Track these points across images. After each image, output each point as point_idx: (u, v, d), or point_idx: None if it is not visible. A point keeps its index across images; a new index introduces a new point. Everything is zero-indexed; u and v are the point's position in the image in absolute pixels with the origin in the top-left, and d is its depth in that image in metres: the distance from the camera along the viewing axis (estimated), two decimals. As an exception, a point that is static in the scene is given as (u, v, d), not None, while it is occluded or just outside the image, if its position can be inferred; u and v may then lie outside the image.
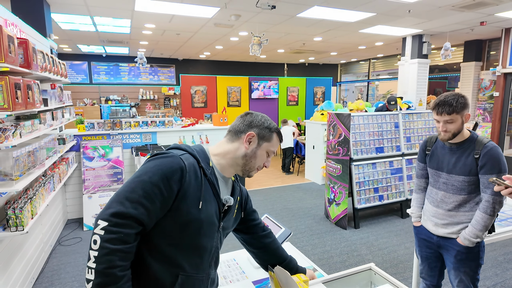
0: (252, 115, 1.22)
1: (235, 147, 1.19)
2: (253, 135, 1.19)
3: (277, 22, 5.71)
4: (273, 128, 1.23)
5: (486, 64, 7.48)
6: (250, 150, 1.19)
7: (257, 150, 1.20)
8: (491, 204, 1.73)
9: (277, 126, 1.25)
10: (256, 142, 1.19)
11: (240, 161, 1.19)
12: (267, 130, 1.21)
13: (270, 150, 1.23)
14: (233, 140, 1.21)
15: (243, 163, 1.19)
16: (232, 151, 1.19)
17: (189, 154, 1.10)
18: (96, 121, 4.63)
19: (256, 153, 1.20)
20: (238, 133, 1.20)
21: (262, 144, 1.20)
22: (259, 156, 1.21)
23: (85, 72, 9.42)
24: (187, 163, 1.05)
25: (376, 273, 1.67)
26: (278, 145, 1.26)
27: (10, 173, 2.19)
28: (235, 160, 1.19)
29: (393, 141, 4.48)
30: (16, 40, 2.23)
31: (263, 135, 1.20)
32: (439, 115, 1.76)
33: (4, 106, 2.01)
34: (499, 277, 3.01)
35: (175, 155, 1.06)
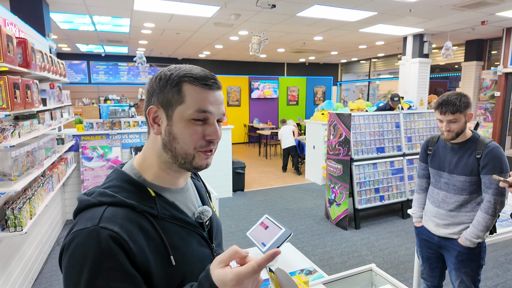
0: (152, 77, 0.75)
1: (152, 142, 0.76)
2: (155, 109, 0.73)
3: (277, 21, 5.70)
4: (176, 77, 0.72)
5: (487, 64, 7.47)
6: (164, 133, 0.73)
7: (172, 128, 0.72)
8: (493, 205, 1.72)
9: (187, 69, 0.74)
10: (164, 116, 0.73)
11: (166, 156, 0.74)
12: (170, 87, 0.71)
13: (191, 113, 0.71)
14: (148, 132, 0.78)
15: (170, 156, 0.74)
16: (154, 148, 0.76)
17: (111, 206, 0.68)
18: (95, 121, 4.62)
19: (174, 132, 0.72)
20: (147, 119, 0.75)
21: (173, 115, 0.72)
22: (183, 132, 0.72)
23: (84, 71, 9.40)
24: (113, 231, 0.63)
25: (377, 274, 1.66)
26: (208, 95, 0.72)
27: (8, 173, 2.17)
28: (161, 159, 0.75)
29: (394, 141, 4.47)
30: (15, 39, 2.21)
31: (168, 100, 0.71)
32: (443, 115, 1.74)
33: (2, 106, 2.00)
34: (500, 278, 3.00)
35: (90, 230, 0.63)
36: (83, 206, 0.70)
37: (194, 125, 0.72)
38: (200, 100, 0.71)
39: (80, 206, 0.71)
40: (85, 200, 0.71)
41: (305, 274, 1.69)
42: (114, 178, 0.75)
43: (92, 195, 0.71)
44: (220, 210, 4.80)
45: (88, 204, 0.69)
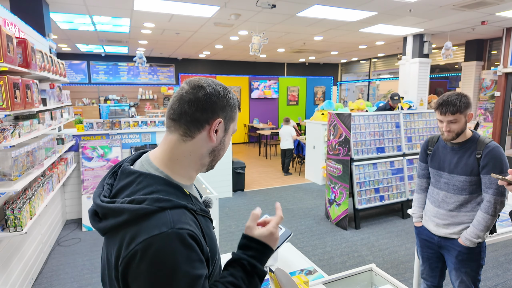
0: (208, 88, 0.83)
1: (197, 146, 0.84)
2: (220, 121, 0.84)
3: (277, 21, 5.70)
4: (236, 102, 0.90)
5: (487, 64, 7.47)
6: (218, 141, 0.86)
7: (225, 138, 0.89)
8: (493, 205, 1.72)
9: (236, 97, 0.92)
10: (223, 129, 0.87)
11: (207, 160, 0.87)
12: (230, 108, 0.87)
13: (235, 129, 0.93)
14: (192, 135, 0.82)
15: (210, 160, 0.88)
16: (195, 152, 0.84)
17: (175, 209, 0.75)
18: (95, 121, 4.62)
19: (224, 142, 0.89)
20: (199, 124, 0.82)
21: (229, 128, 0.89)
22: (227, 143, 0.91)
23: (84, 71, 9.40)
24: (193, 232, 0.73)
25: (377, 274, 1.66)
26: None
27: (8, 173, 2.17)
28: (201, 161, 0.86)
29: (394, 141, 4.47)
30: (15, 39, 2.21)
31: (229, 116, 0.88)
32: (443, 115, 1.74)
33: (3, 106, 2.00)
34: (500, 278, 3.00)
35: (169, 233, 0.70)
36: (141, 215, 0.72)
37: (230, 138, 0.93)
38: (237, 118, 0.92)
39: (136, 215, 0.72)
40: (141, 208, 0.72)
41: (305, 274, 1.69)
42: (154, 183, 0.78)
43: (145, 202, 0.73)
44: (220, 210, 4.80)
45: (147, 212, 0.72)
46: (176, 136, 0.83)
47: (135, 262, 0.69)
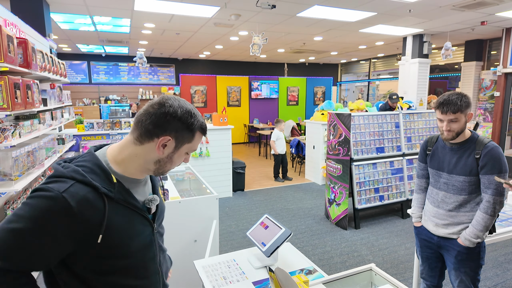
0: (168, 109, 0.92)
1: (144, 151, 0.95)
2: (169, 139, 0.93)
3: (277, 21, 5.70)
4: (196, 126, 0.96)
5: (487, 64, 7.47)
6: (165, 156, 0.96)
7: (173, 155, 0.97)
8: (492, 205, 1.72)
9: (201, 121, 0.98)
10: (173, 146, 0.95)
11: (152, 166, 0.98)
12: (188, 131, 0.95)
13: (191, 149, 1.01)
14: (142, 142, 0.94)
15: (156, 168, 0.98)
16: (140, 156, 0.95)
17: (78, 183, 0.86)
18: (95, 121, 4.62)
19: (173, 158, 0.98)
20: (149, 135, 0.93)
21: (181, 147, 0.97)
22: (176, 159, 0.99)
23: (84, 71, 9.41)
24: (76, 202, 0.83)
25: (377, 274, 1.66)
26: (201, 139, 1.03)
27: (9, 173, 2.18)
28: (145, 165, 0.97)
29: (394, 141, 4.47)
30: (16, 39, 2.22)
31: (182, 137, 0.95)
32: (444, 114, 1.75)
33: (3, 106, 2.00)
34: (499, 278, 3.00)
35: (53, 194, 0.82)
36: (57, 175, 0.88)
37: (184, 156, 1.01)
38: (198, 143, 1.02)
39: (55, 173, 0.88)
40: (60, 171, 0.88)
41: (305, 273, 1.70)
42: (88, 160, 0.93)
43: (68, 169, 0.88)
44: (220, 210, 4.80)
45: (61, 174, 0.87)
46: (131, 137, 0.96)
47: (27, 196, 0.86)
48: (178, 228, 2.43)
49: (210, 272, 1.71)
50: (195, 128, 0.97)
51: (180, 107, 0.94)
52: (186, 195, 3.04)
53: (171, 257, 1.33)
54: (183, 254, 2.42)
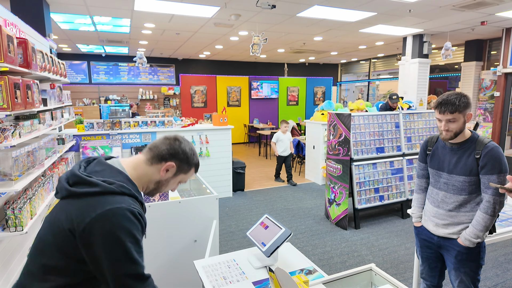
0: (180, 144, 1.22)
1: (151, 171, 1.19)
2: (173, 165, 1.20)
3: (277, 21, 5.70)
4: (193, 163, 1.26)
5: (487, 64, 7.48)
6: (164, 178, 1.21)
7: (170, 179, 1.24)
8: (492, 205, 1.72)
9: (198, 160, 1.29)
10: (173, 173, 1.22)
11: (152, 186, 1.22)
12: (188, 164, 1.24)
13: (183, 180, 1.28)
14: (153, 163, 1.18)
15: (153, 188, 1.23)
16: (148, 175, 1.19)
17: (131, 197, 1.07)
18: (95, 121, 4.62)
19: (169, 182, 1.24)
20: (160, 158, 1.18)
21: (178, 175, 1.24)
22: (170, 184, 1.26)
23: (84, 72, 9.41)
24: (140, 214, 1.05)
25: (377, 274, 1.67)
26: (192, 176, 1.34)
27: (9, 173, 2.18)
28: (148, 183, 1.21)
29: (394, 141, 4.47)
30: (16, 39, 2.22)
31: (182, 168, 1.23)
32: (442, 114, 1.75)
33: (3, 106, 2.00)
34: (499, 278, 3.00)
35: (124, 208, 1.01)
36: (109, 191, 1.02)
37: (177, 184, 1.28)
38: (189, 177, 1.30)
39: (106, 190, 1.02)
40: (110, 188, 1.03)
41: (305, 273, 1.70)
42: (120, 176, 1.10)
43: (114, 185, 1.04)
44: (220, 210, 4.80)
45: (113, 191, 1.03)
46: (144, 158, 1.19)
47: (100, 221, 0.97)
48: (178, 228, 2.43)
49: (210, 272, 1.71)
50: (193, 163, 1.26)
51: (189, 146, 1.25)
52: (186, 195, 3.04)
53: (171, 257, 1.43)
54: (183, 254, 2.42)
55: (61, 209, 1.03)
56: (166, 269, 2.37)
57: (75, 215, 0.98)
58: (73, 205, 1.01)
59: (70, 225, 0.97)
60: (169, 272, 2.38)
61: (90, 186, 1.02)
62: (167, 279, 2.39)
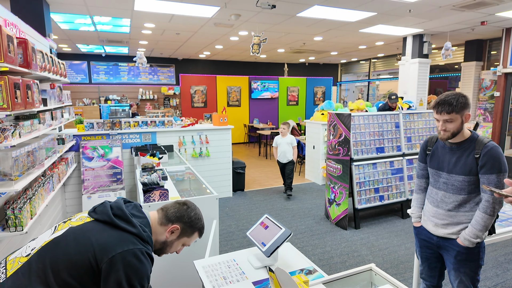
0: (187, 209, 1.36)
1: (160, 231, 1.33)
2: (177, 228, 1.33)
3: (277, 21, 5.71)
4: (197, 227, 1.38)
5: (487, 64, 7.48)
6: (169, 240, 1.35)
7: (175, 241, 1.36)
8: (491, 204, 1.72)
9: (202, 224, 1.41)
10: (177, 235, 1.35)
11: (158, 246, 1.35)
12: (191, 228, 1.36)
13: (187, 243, 1.40)
14: (162, 223, 1.34)
15: (159, 248, 1.36)
16: (157, 234, 1.33)
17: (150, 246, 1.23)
18: (95, 121, 4.62)
19: (173, 243, 1.37)
20: (167, 220, 1.33)
21: (181, 238, 1.37)
22: (174, 246, 1.38)
23: (84, 71, 9.41)
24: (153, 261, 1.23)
25: (377, 274, 1.67)
26: (196, 239, 1.45)
27: (9, 173, 2.18)
28: (155, 241, 1.34)
29: (394, 141, 4.48)
30: (16, 40, 2.22)
31: (186, 231, 1.36)
32: (439, 114, 1.76)
33: (3, 106, 2.00)
34: (499, 278, 3.00)
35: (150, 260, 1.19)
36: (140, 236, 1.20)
37: (181, 246, 1.41)
38: (192, 241, 1.43)
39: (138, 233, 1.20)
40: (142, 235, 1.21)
41: (305, 273, 1.70)
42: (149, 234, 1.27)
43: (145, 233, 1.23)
44: (220, 210, 4.80)
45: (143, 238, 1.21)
46: (157, 216, 1.35)
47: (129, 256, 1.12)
48: (178, 228, 2.42)
49: (210, 272, 1.71)
50: (197, 228, 1.39)
51: (195, 211, 1.38)
52: (186, 195, 3.04)
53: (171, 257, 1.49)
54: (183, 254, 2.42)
55: (94, 230, 1.16)
56: (166, 269, 2.37)
57: (110, 243, 1.12)
58: (108, 233, 1.15)
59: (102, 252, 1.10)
60: (169, 272, 2.38)
61: (129, 224, 1.19)
62: (167, 279, 2.39)
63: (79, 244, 1.10)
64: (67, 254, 1.08)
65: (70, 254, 1.08)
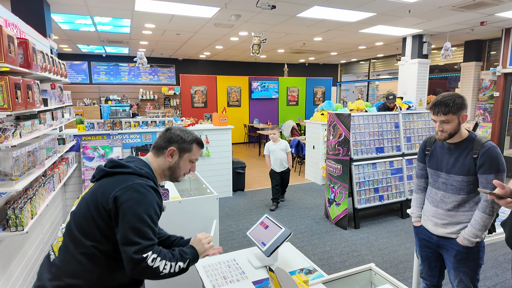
0: (171, 131, 1.42)
1: (161, 162, 1.41)
2: (173, 149, 1.40)
3: (277, 22, 5.71)
4: (190, 140, 1.42)
5: (486, 64, 7.48)
6: (173, 163, 1.41)
7: (179, 162, 1.42)
8: (490, 204, 1.73)
9: (195, 136, 1.45)
10: (178, 155, 1.41)
11: (167, 172, 1.43)
12: (186, 143, 1.42)
13: (192, 158, 1.45)
14: (158, 155, 1.41)
15: (170, 173, 1.43)
16: (160, 165, 1.41)
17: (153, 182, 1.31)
18: (96, 121, 4.63)
19: (179, 164, 1.43)
20: (161, 149, 1.40)
21: (183, 156, 1.42)
22: (182, 166, 1.44)
23: (85, 72, 9.42)
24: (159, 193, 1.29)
25: (376, 273, 1.67)
26: (200, 152, 1.49)
27: (10, 173, 2.18)
28: (163, 172, 1.42)
29: (393, 141, 4.48)
30: (16, 40, 2.22)
31: (183, 148, 1.42)
32: (436, 115, 1.77)
33: (4, 106, 2.01)
34: (499, 277, 3.01)
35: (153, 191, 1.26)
36: (137, 173, 1.28)
37: (189, 163, 1.46)
38: (197, 154, 1.47)
39: (134, 171, 1.28)
40: (139, 171, 1.29)
41: (304, 273, 1.70)
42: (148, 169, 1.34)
43: (142, 170, 1.30)
44: (220, 210, 4.81)
45: (141, 174, 1.29)
46: (152, 153, 1.43)
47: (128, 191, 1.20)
48: (178, 228, 2.43)
49: (210, 272, 1.72)
50: (191, 141, 1.43)
51: (179, 130, 1.42)
52: (186, 195, 3.05)
53: None
54: (183, 254, 2.42)
55: (98, 187, 1.27)
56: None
57: (109, 187, 1.22)
58: (108, 181, 1.26)
59: (105, 197, 1.20)
60: (169, 271, 2.39)
61: (123, 167, 1.28)
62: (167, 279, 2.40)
63: (88, 203, 1.23)
64: (84, 216, 1.23)
65: (86, 214, 1.23)
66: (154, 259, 1.18)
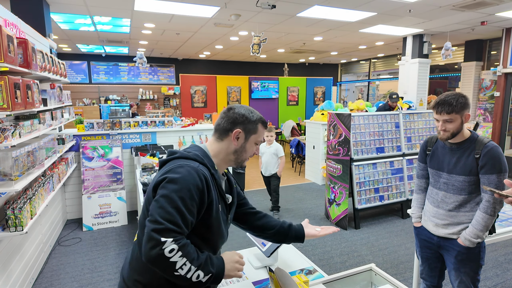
0: (234, 110, 1.28)
1: (225, 145, 1.27)
2: (240, 131, 1.26)
3: (277, 21, 5.71)
4: (257, 120, 1.29)
5: (487, 64, 7.48)
6: (239, 146, 1.28)
7: (246, 144, 1.29)
8: (492, 204, 1.72)
9: (259, 116, 1.31)
10: (244, 137, 1.27)
11: (232, 157, 1.29)
12: (251, 123, 1.28)
13: (258, 140, 1.32)
14: (222, 138, 1.28)
15: (235, 158, 1.30)
16: (223, 149, 1.28)
17: (202, 164, 1.19)
18: (95, 121, 4.62)
19: (246, 147, 1.29)
20: (225, 132, 1.27)
21: (249, 138, 1.29)
22: (249, 149, 1.30)
23: (84, 71, 9.41)
24: (205, 177, 1.14)
25: (377, 274, 1.67)
26: (264, 132, 1.35)
27: (9, 173, 2.18)
28: (227, 156, 1.29)
29: (394, 141, 4.48)
30: (16, 40, 2.22)
31: (249, 129, 1.28)
32: (439, 114, 1.76)
33: (3, 106, 2.00)
34: (500, 278, 3.01)
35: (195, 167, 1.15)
36: (184, 156, 1.20)
37: (255, 145, 1.32)
38: (262, 135, 1.33)
39: (181, 155, 1.21)
40: (185, 154, 1.21)
41: (305, 273, 1.70)
42: (199, 153, 1.23)
43: (190, 153, 1.22)
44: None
45: (187, 157, 1.20)
46: (214, 138, 1.30)
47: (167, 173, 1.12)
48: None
49: (210, 272, 1.71)
50: (256, 120, 1.29)
51: (243, 108, 1.29)
52: (186, 195, 3.03)
53: None
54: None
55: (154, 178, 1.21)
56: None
57: (156, 176, 1.17)
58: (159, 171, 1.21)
59: (151, 186, 1.15)
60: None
61: (173, 154, 1.22)
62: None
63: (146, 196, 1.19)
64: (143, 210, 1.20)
65: (143, 208, 1.20)
66: (173, 251, 1.00)
